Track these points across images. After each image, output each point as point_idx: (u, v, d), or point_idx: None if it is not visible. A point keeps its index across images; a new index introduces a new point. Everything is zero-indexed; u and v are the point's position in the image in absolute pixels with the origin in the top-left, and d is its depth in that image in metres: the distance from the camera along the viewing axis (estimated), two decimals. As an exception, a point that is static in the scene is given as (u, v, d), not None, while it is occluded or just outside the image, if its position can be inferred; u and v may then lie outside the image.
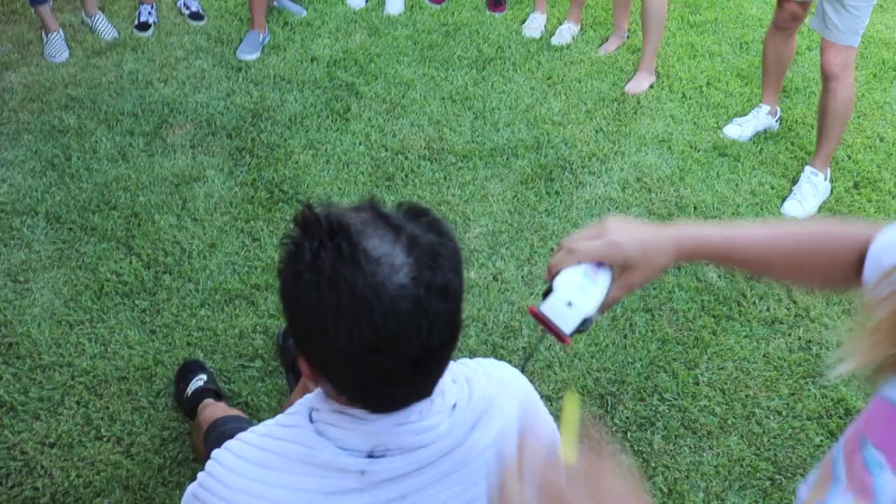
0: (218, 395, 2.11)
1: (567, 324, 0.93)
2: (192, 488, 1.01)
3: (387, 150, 3.07)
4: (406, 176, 2.95)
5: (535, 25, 3.98)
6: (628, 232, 0.97)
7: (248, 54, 3.49)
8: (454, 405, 0.98)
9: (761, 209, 2.95)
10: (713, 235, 0.99)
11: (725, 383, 2.30)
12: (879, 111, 3.52)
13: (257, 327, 2.35)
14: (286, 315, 0.92)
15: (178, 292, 2.44)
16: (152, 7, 3.69)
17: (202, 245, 2.59)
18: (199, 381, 2.13)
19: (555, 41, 3.90)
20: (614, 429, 2.13)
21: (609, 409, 2.20)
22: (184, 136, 3.03)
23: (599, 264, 0.96)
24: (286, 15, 3.80)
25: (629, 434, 2.12)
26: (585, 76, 3.65)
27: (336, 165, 2.96)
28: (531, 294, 2.53)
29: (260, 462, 0.95)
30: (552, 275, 0.97)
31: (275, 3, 3.81)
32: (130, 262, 2.52)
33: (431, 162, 3.04)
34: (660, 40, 3.60)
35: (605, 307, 0.97)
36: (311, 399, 1.01)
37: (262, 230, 2.65)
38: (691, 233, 0.99)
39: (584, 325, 0.95)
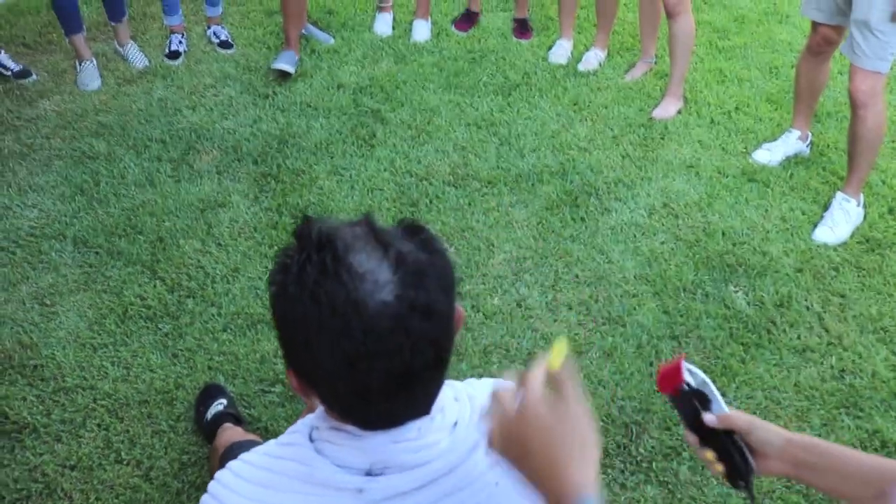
0: (237, 420, 2.10)
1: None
2: None
3: (411, 175, 3.07)
4: (430, 202, 2.95)
5: (561, 52, 3.97)
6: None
7: (286, 65, 3.53)
8: (455, 423, 0.96)
9: (791, 235, 2.88)
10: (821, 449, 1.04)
11: (755, 413, 2.22)
12: (914, 136, 3.45)
13: (279, 352, 2.34)
14: (275, 325, 0.91)
15: (200, 316, 2.45)
16: (183, 36, 3.76)
17: (226, 270, 2.60)
18: (220, 405, 2.12)
19: (581, 67, 3.89)
20: (639, 458, 2.08)
21: (634, 438, 2.14)
22: (210, 162, 3.06)
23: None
24: (314, 43, 3.84)
25: (654, 464, 2.07)
26: (612, 102, 3.63)
27: (360, 191, 2.97)
28: (554, 320, 2.49)
29: (259, 481, 0.94)
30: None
31: (303, 31, 3.86)
32: (154, 286, 2.54)
33: (456, 188, 3.03)
34: (687, 65, 3.58)
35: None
36: (312, 418, 0.99)
37: (286, 255, 2.65)
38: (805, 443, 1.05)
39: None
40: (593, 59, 3.94)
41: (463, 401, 0.98)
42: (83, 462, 2.04)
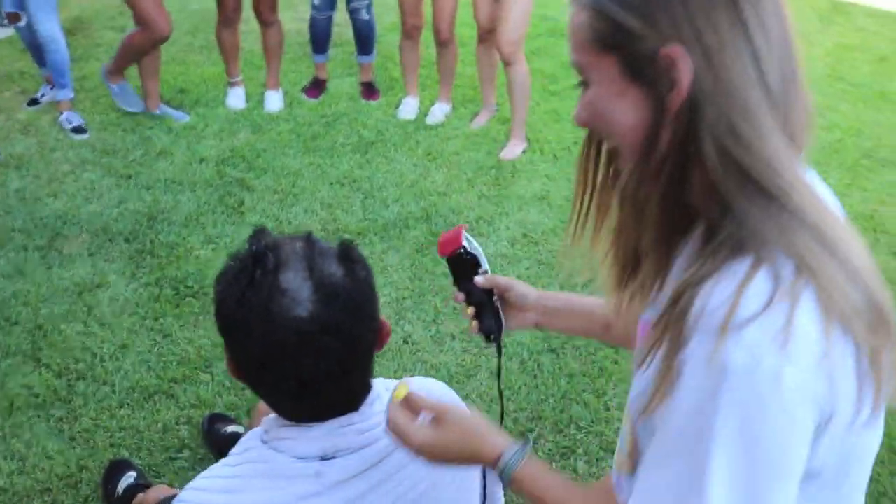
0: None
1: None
2: None
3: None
4: (307, 258, 3.07)
5: (409, 108, 4.24)
6: None
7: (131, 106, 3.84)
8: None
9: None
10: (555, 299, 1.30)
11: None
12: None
13: (180, 419, 2.37)
14: (215, 317, 1.03)
15: (94, 396, 2.43)
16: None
17: (113, 347, 2.60)
18: (129, 478, 2.13)
19: (429, 120, 4.17)
20: (537, 459, 2.27)
21: (532, 444, 2.33)
22: (81, 246, 3.05)
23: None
24: (168, 122, 3.90)
25: (554, 464, 2.26)
26: (462, 149, 3.92)
27: (238, 256, 3.05)
28: (440, 351, 2.67)
29: (223, 488, 1.04)
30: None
31: (157, 110, 3.92)
32: (40, 374, 2.50)
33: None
34: (526, 109, 3.92)
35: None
36: (258, 429, 1.11)
37: (173, 325, 2.69)
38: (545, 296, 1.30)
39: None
40: (439, 112, 4.23)
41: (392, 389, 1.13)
42: (-10, 559, 1.99)
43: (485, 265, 1.26)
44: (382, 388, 1.12)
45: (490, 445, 0.99)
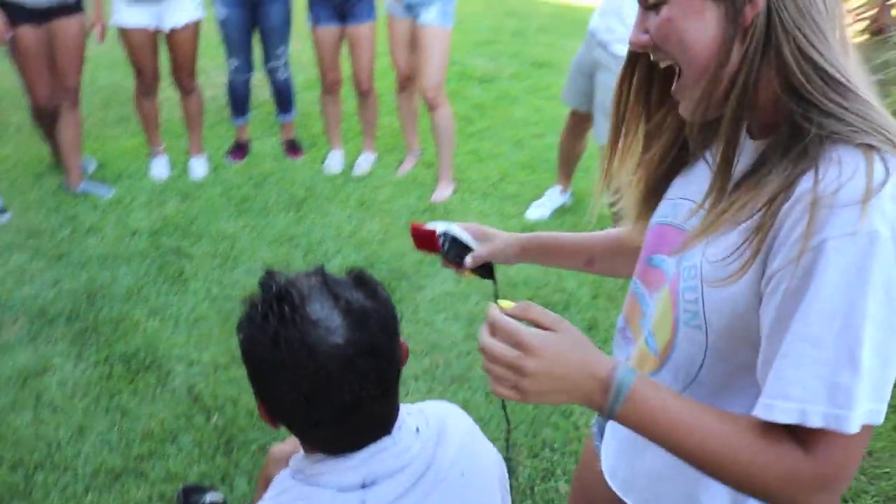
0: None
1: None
2: None
3: (231, 299, 3.16)
4: (257, 318, 3.05)
5: (334, 162, 4.29)
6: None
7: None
8: (417, 429, 1.13)
9: (582, 274, 3.34)
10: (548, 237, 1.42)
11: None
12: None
13: (152, 496, 2.30)
14: (246, 364, 1.05)
15: (56, 486, 2.34)
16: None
17: (70, 432, 2.51)
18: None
19: (357, 172, 4.23)
20: (522, 487, 2.31)
21: (510, 470, 2.37)
22: (18, 332, 2.94)
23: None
24: (93, 198, 3.82)
25: (535, 488, 2.31)
26: (393, 196, 3.98)
27: (186, 325, 3.00)
28: (406, 393, 2.69)
29: None
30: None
31: (79, 188, 3.83)
32: (-5, 469, 2.39)
33: (278, 300, 3.16)
34: (452, 151, 4.03)
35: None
36: (286, 471, 1.12)
37: (130, 402, 2.62)
38: (530, 235, 1.40)
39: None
40: (365, 162, 4.29)
41: (415, 413, 1.16)
42: None
43: (471, 242, 1.37)
44: (405, 413, 1.15)
45: (603, 358, 0.91)
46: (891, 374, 0.83)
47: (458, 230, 1.37)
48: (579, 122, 3.60)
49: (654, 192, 1.11)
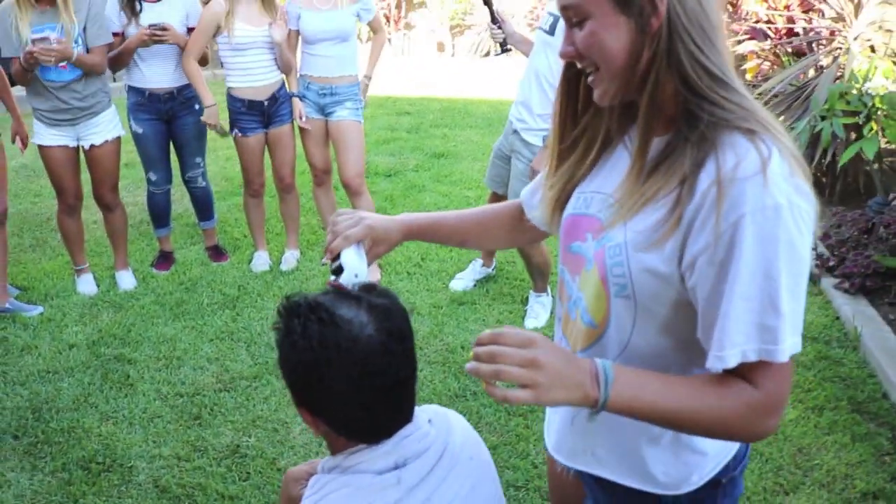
0: None
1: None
2: None
3: (182, 396, 3.20)
4: (211, 410, 3.11)
5: (261, 261, 4.43)
6: (375, 218, 1.43)
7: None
8: (430, 420, 1.31)
9: (511, 331, 3.58)
10: (427, 217, 1.51)
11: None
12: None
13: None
14: (287, 380, 1.22)
15: (31, 593, 2.30)
16: None
17: (38, 540, 2.48)
18: None
19: (284, 268, 4.38)
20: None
21: None
22: (-34, 454, 2.88)
23: (358, 242, 1.40)
24: (21, 318, 3.80)
25: (507, 521, 2.44)
26: (324, 284, 4.13)
27: (141, 424, 3.02)
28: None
29: None
30: (334, 256, 1.38)
31: (7, 304, 3.81)
32: (-36, 587, 2.33)
33: (229, 392, 3.23)
34: (375, 237, 4.25)
35: None
36: (318, 474, 1.27)
37: (95, 502, 2.61)
38: (413, 216, 1.50)
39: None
40: (291, 258, 4.46)
41: (422, 409, 1.34)
42: None
43: (356, 276, 1.34)
44: (415, 408, 1.32)
45: (580, 358, 1.08)
46: (802, 311, 1.04)
47: (351, 263, 1.36)
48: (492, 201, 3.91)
49: (569, 190, 1.30)
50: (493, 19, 3.56)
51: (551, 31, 3.21)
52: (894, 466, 2.75)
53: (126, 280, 4.17)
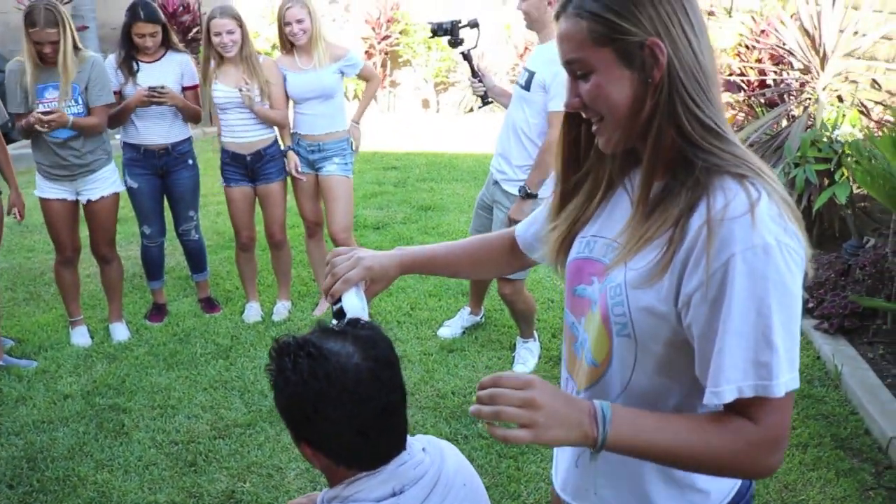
0: None
1: None
2: None
3: (177, 444, 3.24)
4: (206, 457, 3.14)
5: (253, 312, 4.49)
6: (372, 257, 1.46)
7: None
8: (423, 448, 1.38)
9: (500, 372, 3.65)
10: (421, 251, 1.56)
11: (548, 496, 2.80)
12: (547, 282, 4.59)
13: None
14: (285, 417, 1.28)
15: None
16: None
17: (35, 587, 2.49)
18: None
19: (276, 318, 4.45)
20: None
21: None
22: (-38, 504, 2.90)
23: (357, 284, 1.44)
24: (16, 370, 3.83)
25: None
26: (316, 334, 4.20)
27: (136, 471, 3.05)
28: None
29: None
30: (335, 299, 1.42)
31: (0, 363, 3.84)
32: None
33: (223, 439, 3.27)
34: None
35: None
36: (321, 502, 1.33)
37: (93, 549, 2.63)
38: (408, 252, 1.54)
39: None
40: (283, 309, 4.52)
41: (416, 438, 1.40)
42: None
43: (357, 314, 1.39)
44: (409, 438, 1.39)
45: (579, 399, 1.12)
46: (797, 347, 1.07)
47: (353, 308, 1.40)
48: None
49: (572, 235, 1.34)
50: (474, 73, 3.72)
51: (527, 87, 3.35)
52: (878, 501, 2.82)
53: (120, 332, 4.22)
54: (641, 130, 1.14)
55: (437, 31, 3.81)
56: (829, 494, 2.84)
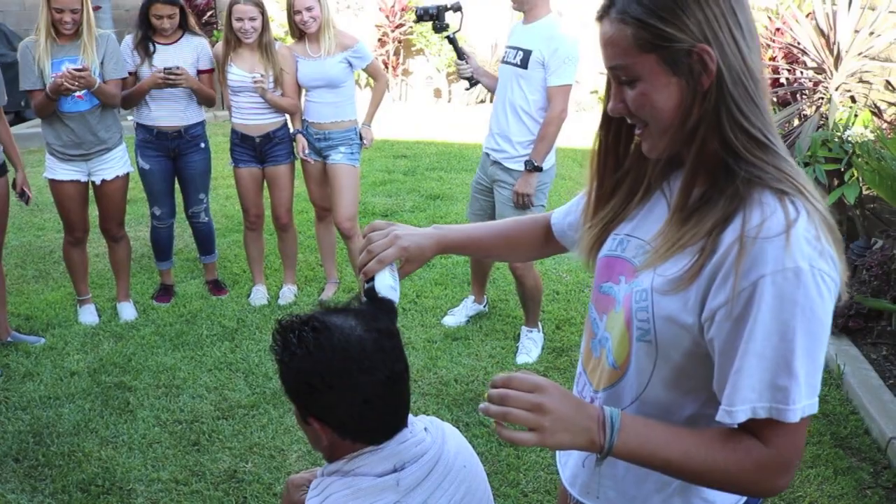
0: None
1: None
2: None
3: (181, 423, 3.27)
4: (209, 437, 3.17)
5: (259, 295, 4.52)
6: (409, 236, 1.40)
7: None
8: (425, 428, 1.40)
9: (503, 364, 3.67)
10: (458, 231, 1.53)
11: (547, 484, 2.82)
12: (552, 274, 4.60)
13: None
14: (292, 392, 1.29)
15: None
16: None
17: (38, 558, 2.53)
18: None
19: (282, 302, 4.48)
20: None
21: None
22: (-31, 475, 2.94)
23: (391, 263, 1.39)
24: (24, 346, 3.87)
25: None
26: (321, 319, 4.23)
27: (140, 448, 3.09)
28: None
29: None
30: (368, 277, 1.36)
31: (9, 338, 3.88)
32: None
33: (227, 419, 3.30)
34: (372, 273, 4.36)
35: None
36: (319, 478, 1.35)
37: (95, 524, 2.67)
38: (445, 231, 1.49)
39: None
40: (288, 293, 4.55)
41: (418, 418, 1.43)
42: None
43: (388, 295, 1.36)
44: (411, 417, 1.41)
45: (589, 405, 1.11)
46: (819, 374, 1.04)
47: (385, 288, 1.36)
48: None
49: (607, 232, 1.31)
50: (460, 56, 3.75)
51: (524, 65, 3.43)
52: (875, 499, 2.83)
53: (127, 311, 4.26)
54: (687, 137, 1.10)
55: (423, 16, 3.84)
56: (827, 492, 2.86)
